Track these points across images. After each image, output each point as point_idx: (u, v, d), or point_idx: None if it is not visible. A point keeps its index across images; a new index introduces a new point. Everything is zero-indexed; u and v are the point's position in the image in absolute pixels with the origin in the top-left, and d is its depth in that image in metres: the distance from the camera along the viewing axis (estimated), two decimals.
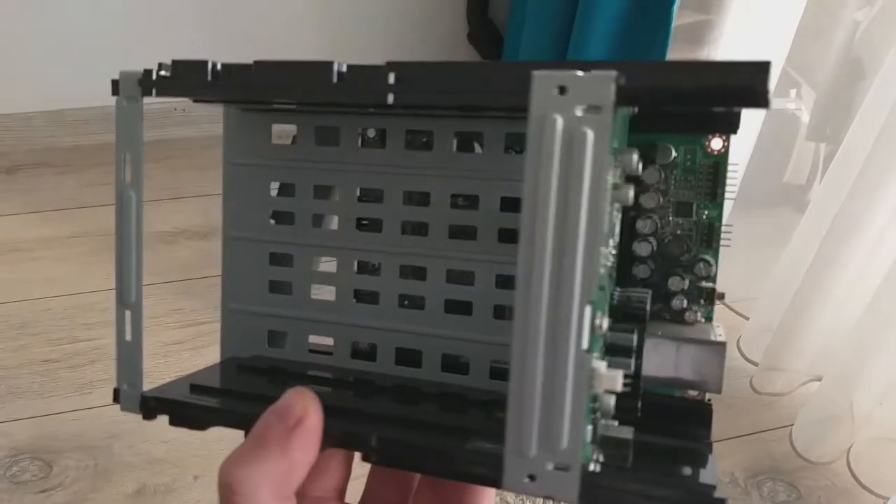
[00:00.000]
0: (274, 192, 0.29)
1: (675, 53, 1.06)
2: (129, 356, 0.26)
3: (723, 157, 0.27)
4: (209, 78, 0.24)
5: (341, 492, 0.27)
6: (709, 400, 0.27)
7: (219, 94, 0.24)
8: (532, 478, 0.20)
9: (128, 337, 0.26)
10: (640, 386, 0.25)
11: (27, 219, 1.15)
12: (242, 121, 0.29)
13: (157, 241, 1.09)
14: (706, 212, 0.27)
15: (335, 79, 0.23)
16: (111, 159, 0.98)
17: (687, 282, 0.27)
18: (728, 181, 0.27)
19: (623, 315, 0.25)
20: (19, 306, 0.96)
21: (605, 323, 0.22)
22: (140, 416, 0.25)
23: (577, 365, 0.19)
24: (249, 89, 0.24)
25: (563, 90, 0.19)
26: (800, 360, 0.81)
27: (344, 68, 0.23)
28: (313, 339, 0.29)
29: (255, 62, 0.24)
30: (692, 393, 0.28)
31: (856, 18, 0.97)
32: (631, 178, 0.23)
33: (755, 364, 0.88)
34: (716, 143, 0.26)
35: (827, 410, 0.75)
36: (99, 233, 1.12)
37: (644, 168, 0.26)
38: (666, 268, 0.27)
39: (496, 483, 0.20)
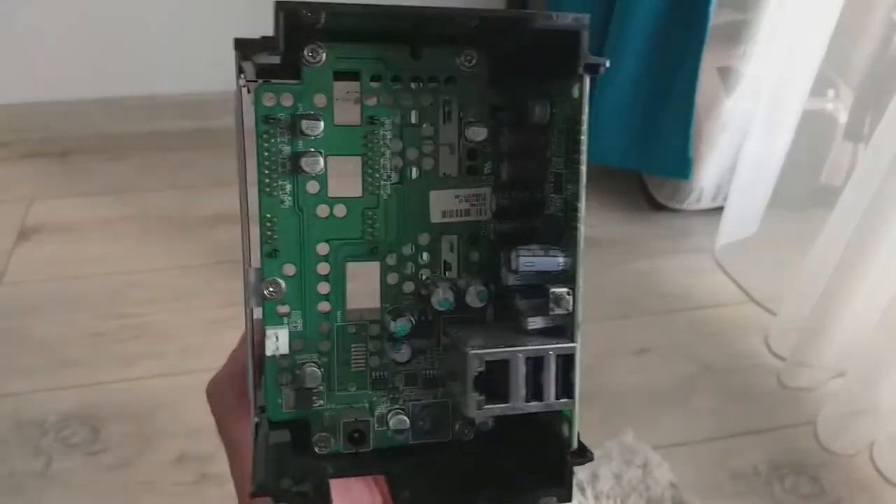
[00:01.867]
0: None
1: (711, 52, 1.07)
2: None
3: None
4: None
5: None
6: None
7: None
8: None
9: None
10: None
11: (79, 201, 1.20)
12: None
13: (200, 225, 1.13)
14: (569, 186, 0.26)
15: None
16: (159, 146, 1.05)
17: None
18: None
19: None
20: (71, 282, 1.00)
21: (280, 288, 0.24)
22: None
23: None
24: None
25: None
26: (827, 355, 0.81)
27: None
28: None
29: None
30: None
31: (894, 19, 0.96)
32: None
33: (783, 360, 0.88)
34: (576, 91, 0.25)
35: (851, 404, 0.76)
36: (147, 216, 1.16)
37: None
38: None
39: None
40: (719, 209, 1.12)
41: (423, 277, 0.25)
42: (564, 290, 0.23)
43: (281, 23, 0.21)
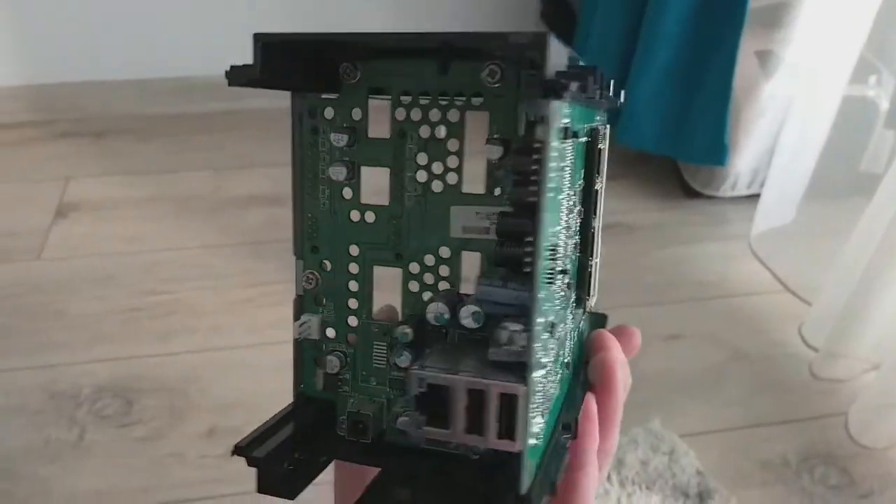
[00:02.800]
0: None
1: (750, 36, 1.05)
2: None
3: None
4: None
5: None
6: None
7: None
8: None
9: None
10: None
11: (113, 180, 1.22)
12: None
13: (230, 206, 1.15)
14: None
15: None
16: (192, 127, 1.06)
17: None
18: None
19: None
20: (107, 259, 1.02)
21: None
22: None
23: None
24: None
25: None
26: (861, 346, 0.80)
27: None
28: None
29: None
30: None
31: None
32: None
33: (816, 350, 0.87)
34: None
35: (884, 397, 0.74)
36: (179, 196, 1.17)
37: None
38: None
39: None
40: (755, 196, 1.10)
41: (442, 289, 0.26)
42: (518, 327, 0.21)
43: (259, 53, 0.22)
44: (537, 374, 0.21)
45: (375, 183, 0.27)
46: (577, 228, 0.27)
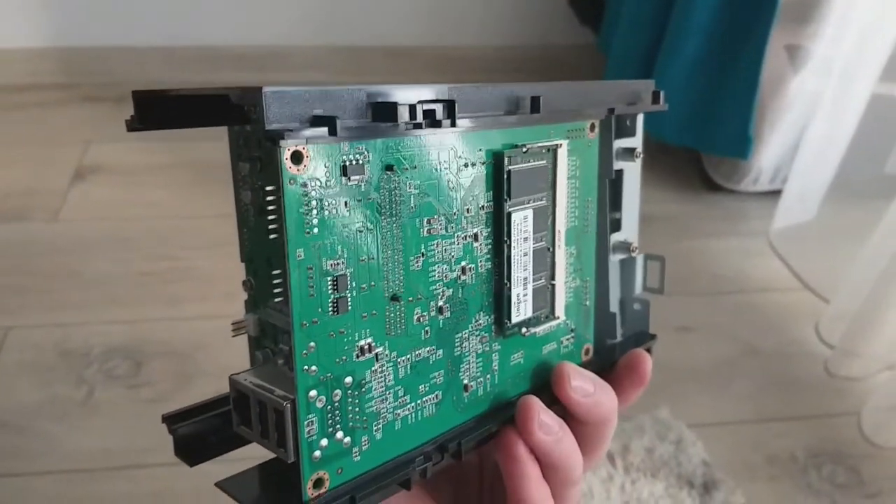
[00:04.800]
0: None
1: (780, 29, 1.03)
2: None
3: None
4: None
5: None
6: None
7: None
8: None
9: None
10: None
11: (133, 146, 1.22)
12: None
13: None
14: None
15: None
16: None
17: None
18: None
19: None
20: (123, 223, 1.03)
21: None
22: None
23: None
24: None
25: None
26: (878, 345, 0.79)
27: None
28: None
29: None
30: None
31: None
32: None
33: (832, 347, 0.86)
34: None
35: None
36: (198, 164, 1.17)
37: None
38: None
39: None
40: (776, 192, 1.09)
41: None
42: (286, 348, 0.25)
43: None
44: (312, 393, 0.23)
45: None
46: (487, 252, 0.28)
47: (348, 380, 0.24)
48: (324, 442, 0.23)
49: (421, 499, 0.31)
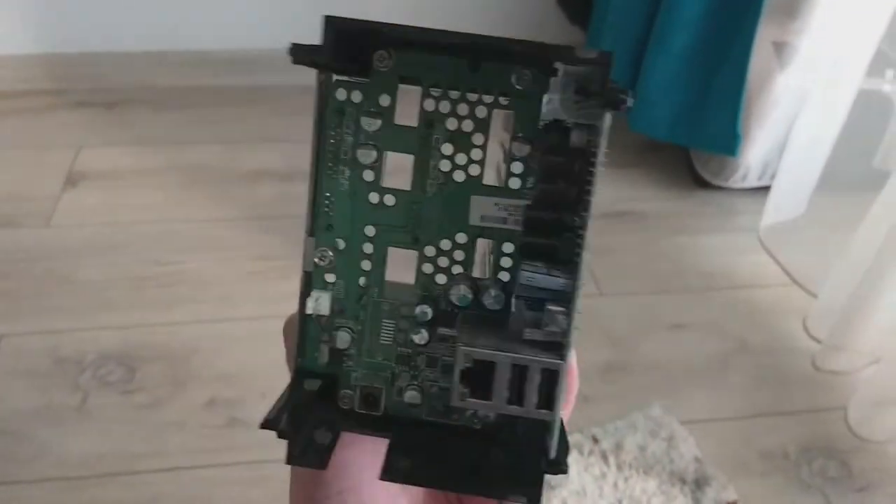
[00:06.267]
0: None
1: (767, 26, 1.04)
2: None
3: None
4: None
5: None
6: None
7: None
8: None
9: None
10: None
11: (125, 150, 1.22)
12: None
13: (241, 180, 1.15)
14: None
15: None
16: (204, 101, 1.06)
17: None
18: None
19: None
20: (116, 228, 1.03)
21: (328, 257, 0.27)
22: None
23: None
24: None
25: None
26: (863, 340, 0.80)
27: None
28: None
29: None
30: None
31: None
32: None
33: (819, 342, 0.87)
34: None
35: (885, 391, 0.74)
36: (190, 168, 1.18)
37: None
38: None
39: None
40: (765, 188, 1.10)
41: (455, 273, 0.27)
42: (561, 309, 0.24)
43: (329, 36, 0.24)
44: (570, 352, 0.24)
45: (395, 167, 0.28)
46: None
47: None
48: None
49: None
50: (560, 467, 0.24)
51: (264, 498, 0.68)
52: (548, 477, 0.24)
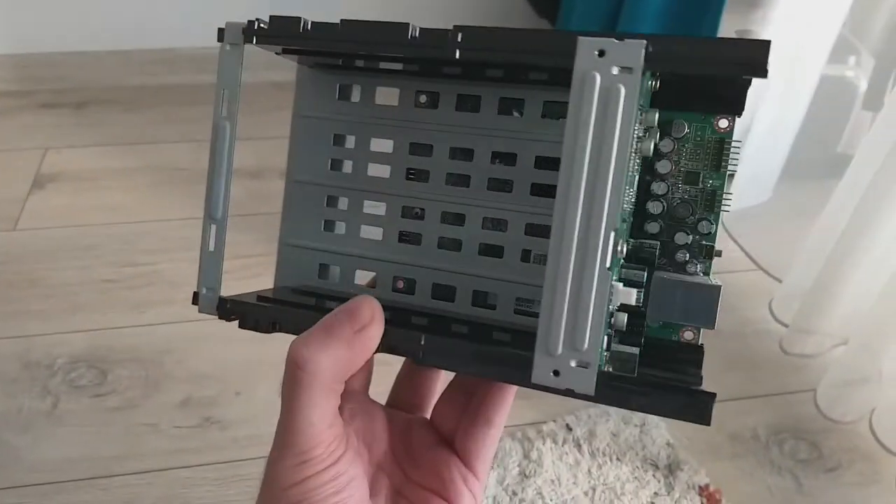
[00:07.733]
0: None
1: (730, 15, 1.05)
2: (210, 264, 0.30)
3: (728, 134, 0.30)
4: (301, 31, 0.28)
5: (366, 388, 0.31)
6: (701, 344, 0.31)
7: (310, 45, 0.28)
8: (556, 373, 0.24)
9: (211, 247, 0.30)
10: (645, 314, 0.29)
11: (94, 151, 1.21)
12: (313, 79, 0.33)
13: None
14: (710, 181, 0.30)
15: (410, 36, 0.26)
16: (174, 99, 1.05)
17: (690, 238, 0.30)
18: (732, 156, 0.30)
19: (635, 259, 0.30)
20: (85, 230, 1.02)
21: (625, 248, 0.27)
22: (214, 318, 0.29)
23: (601, 279, 0.23)
24: (336, 42, 0.27)
25: (602, 53, 0.23)
26: (830, 322, 0.81)
27: (417, 31, 0.26)
28: (357, 279, 0.33)
29: (342, 20, 0.27)
30: (687, 336, 0.31)
31: None
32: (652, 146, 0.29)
33: (786, 326, 0.88)
34: (722, 123, 0.30)
35: (852, 373, 0.75)
36: (160, 167, 1.17)
37: (661, 139, 0.30)
38: (673, 226, 0.30)
39: (525, 380, 0.24)
40: (730, 175, 1.11)
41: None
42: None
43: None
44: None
45: None
46: None
47: None
48: None
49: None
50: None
51: (240, 496, 0.68)
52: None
